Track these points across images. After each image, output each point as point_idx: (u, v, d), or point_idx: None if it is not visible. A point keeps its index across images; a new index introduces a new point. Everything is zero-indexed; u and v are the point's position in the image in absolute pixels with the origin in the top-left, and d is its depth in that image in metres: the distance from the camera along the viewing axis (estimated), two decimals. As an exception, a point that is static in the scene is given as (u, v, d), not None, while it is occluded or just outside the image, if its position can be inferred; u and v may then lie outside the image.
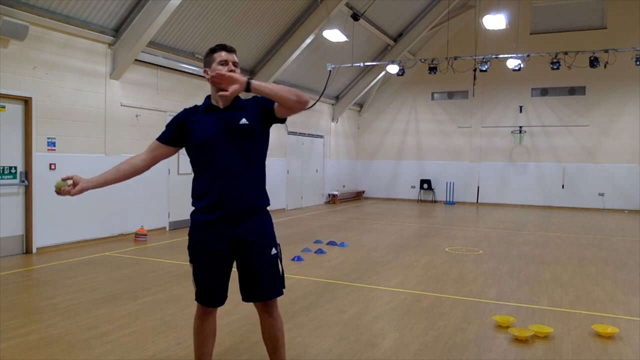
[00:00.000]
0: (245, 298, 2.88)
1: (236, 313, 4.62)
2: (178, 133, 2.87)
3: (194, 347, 3.00)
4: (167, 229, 10.18)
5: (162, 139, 2.95)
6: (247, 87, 2.62)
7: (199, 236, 2.82)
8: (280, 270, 2.88)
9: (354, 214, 13.95)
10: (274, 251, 2.86)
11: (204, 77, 10.45)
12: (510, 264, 7.29)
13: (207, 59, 2.84)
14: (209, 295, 2.87)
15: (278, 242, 2.93)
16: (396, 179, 18.84)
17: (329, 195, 17.14)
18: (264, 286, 2.82)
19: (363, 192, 19.24)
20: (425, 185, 18.20)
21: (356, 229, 10.75)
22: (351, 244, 8.80)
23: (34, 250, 7.62)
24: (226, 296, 2.92)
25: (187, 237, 2.93)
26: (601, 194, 15.99)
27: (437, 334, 4.28)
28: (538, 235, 10.36)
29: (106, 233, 8.78)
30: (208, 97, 2.90)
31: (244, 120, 2.77)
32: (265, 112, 2.82)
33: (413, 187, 18.57)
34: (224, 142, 2.74)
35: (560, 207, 16.40)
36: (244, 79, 2.61)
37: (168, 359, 3.68)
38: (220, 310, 3.00)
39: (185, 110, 2.93)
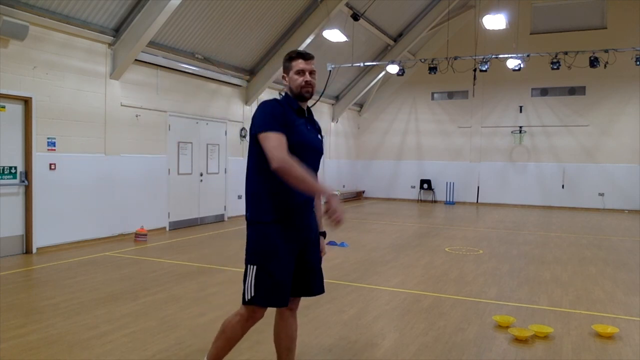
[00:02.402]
0: (295, 293, 2.91)
1: (236, 313, 4.61)
2: (283, 124, 2.74)
3: (218, 348, 2.91)
4: (167, 229, 10.17)
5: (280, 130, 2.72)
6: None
7: (277, 236, 2.77)
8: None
9: (354, 214, 13.95)
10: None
11: (204, 77, 10.41)
12: (510, 264, 7.29)
13: (286, 65, 2.89)
14: (284, 295, 2.78)
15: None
16: (396, 179, 18.84)
17: (329, 195, 17.11)
18: (317, 282, 2.96)
19: (363, 192, 19.24)
20: (425, 185, 18.20)
21: (356, 229, 10.75)
22: (351, 244, 8.80)
23: (34, 250, 7.62)
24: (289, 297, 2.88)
25: (186, 237, 2.94)
26: (601, 194, 15.99)
27: (437, 334, 4.28)
28: (538, 235, 10.36)
29: (106, 233, 8.78)
30: (287, 96, 2.90)
31: (319, 136, 3.03)
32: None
33: (413, 187, 18.57)
34: (313, 148, 2.90)
35: (560, 207, 16.40)
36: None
37: (168, 359, 3.68)
38: (221, 310, 2.99)
39: (279, 103, 2.82)
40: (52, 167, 7.84)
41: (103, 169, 8.70)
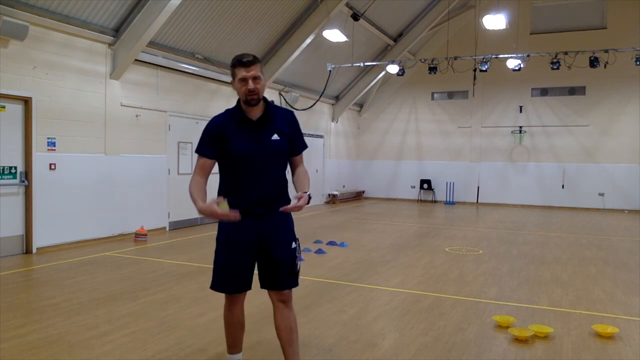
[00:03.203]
0: (265, 286, 3.07)
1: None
2: (218, 146, 3.00)
3: (225, 333, 3.27)
4: (167, 229, 10.17)
5: (205, 153, 3.05)
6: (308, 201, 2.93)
7: (230, 231, 3.02)
8: (297, 264, 3.10)
9: (354, 214, 13.95)
10: (293, 245, 3.08)
11: (203, 77, 10.44)
12: (510, 264, 7.28)
13: (231, 71, 2.97)
14: (230, 283, 3.04)
15: (297, 237, 3.17)
16: (396, 179, 18.84)
17: (329, 195, 17.14)
18: (283, 276, 3.02)
19: (363, 192, 19.24)
20: (425, 185, 18.20)
21: (356, 229, 10.75)
22: (351, 244, 8.80)
23: (34, 250, 7.62)
24: (249, 285, 3.09)
25: (186, 237, 2.97)
26: (601, 194, 15.99)
27: (437, 334, 4.28)
28: (538, 235, 10.36)
29: (106, 233, 8.78)
30: (237, 103, 3.05)
31: (275, 137, 3.01)
32: (290, 142, 3.08)
33: (413, 187, 18.57)
34: (256, 155, 2.96)
35: (560, 207, 16.40)
36: (306, 199, 2.86)
37: (168, 359, 3.68)
38: (221, 310, 3.00)
39: (219, 119, 3.04)
40: (52, 167, 7.84)
41: (103, 169, 8.70)
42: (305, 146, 3.22)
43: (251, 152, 2.95)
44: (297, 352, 3.07)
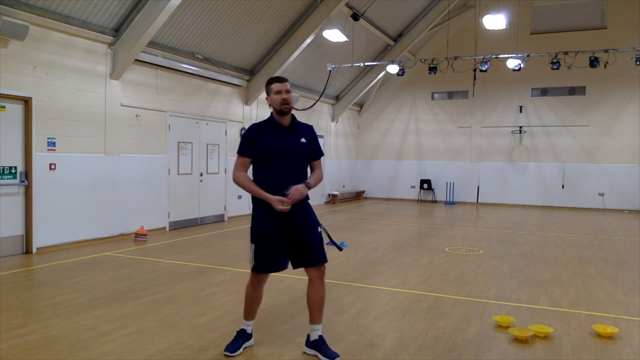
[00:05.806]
0: (303, 265, 3.68)
1: (238, 314, 4.61)
2: (254, 147, 3.65)
3: (244, 307, 3.86)
4: (167, 229, 10.17)
5: (245, 153, 3.71)
6: (309, 188, 3.61)
7: (264, 218, 3.63)
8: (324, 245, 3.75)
9: (354, 214, 13.95)
10: (319, 229, 3.73)
11: (204, 77, 10.51)
12: (510, 264, 7.28)
13: (267, 88, 3.70)
14: (268, 265, 3.67)
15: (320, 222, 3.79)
16: (396, 179, 18.84)
17: (329, 195, 17.14)
18: (319, 254, 3.68)
19: (363, 192, 19.24)
20: (425, 185, 18.20)
21: (356, 229, 10.75)
22: (351, 244, 8.80)
23: (34, 250, 7.62)
24: (285, 265, 3.74)
25: (186, 237, 3.01)
26: (601, 194, 15.99)
27: (437, 334, 4.28)
28: (538, 235, 10.36)
29: (106, 233, 8.78)
30: (271, 114, 3.73)
31: (303, 140, 3.70)
32: (311, 148, 3.75)
33: (413, 187, 18.57)
34: (285, 153, 3.61)
35: (560, 207, 16.40)
36: (305, 189, 3.55)
37: (168, 359, 3.68)
38: (221, 310, 2.99)
39: (256, 126, 3.73)
40: (52, 167, 7.84)
41: (103, 169, 8.70)
42: (322, 153, 3.89)
43: (281, 150, 3.59)
44: (322, 315, 3.76)
